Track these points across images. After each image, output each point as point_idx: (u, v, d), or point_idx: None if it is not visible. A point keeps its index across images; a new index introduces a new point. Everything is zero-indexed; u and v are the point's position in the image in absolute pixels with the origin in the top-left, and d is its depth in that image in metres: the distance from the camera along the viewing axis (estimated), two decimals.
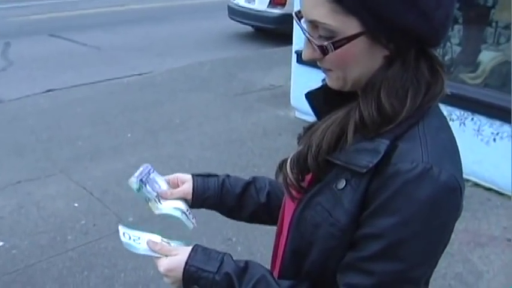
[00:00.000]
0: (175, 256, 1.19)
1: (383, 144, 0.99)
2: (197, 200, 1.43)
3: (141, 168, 1.39)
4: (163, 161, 5.06)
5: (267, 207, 1.43)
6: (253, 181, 1.49)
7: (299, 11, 1.05)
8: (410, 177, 0.95)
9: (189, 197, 1.42)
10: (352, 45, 0.98)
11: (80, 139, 5.68)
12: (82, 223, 4.09)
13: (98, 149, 5.43)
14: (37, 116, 6.44)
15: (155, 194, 1.38)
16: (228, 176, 1.50)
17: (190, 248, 1.19)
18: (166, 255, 1.20)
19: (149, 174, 1.40)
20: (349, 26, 0.97)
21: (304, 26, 1.04)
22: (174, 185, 1.44)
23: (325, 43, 0.99)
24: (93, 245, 3.83)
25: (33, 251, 3.75)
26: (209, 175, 1.48)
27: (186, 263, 1.15)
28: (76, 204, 4.36)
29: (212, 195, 1.44)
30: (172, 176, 1.46)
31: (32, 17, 12.42)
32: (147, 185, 1.38)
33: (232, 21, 10.90)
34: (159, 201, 1.38)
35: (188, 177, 1.46)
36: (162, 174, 1.45)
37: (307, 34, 1.03)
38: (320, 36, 1.00)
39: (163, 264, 1.19)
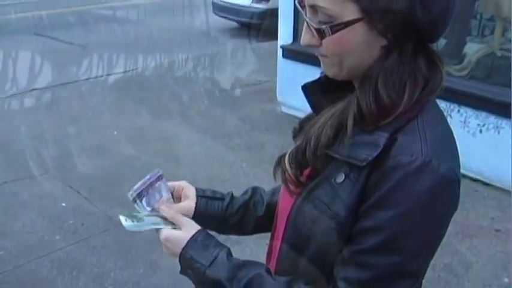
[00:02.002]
0: (177, 231, 1.21)
1: (382, 137, 0.99)
2: (197, 221, 1.31)
3: (147, 176, 1.30)
4: (151, 157, 5.04)
5: (268, 217, 1.37)
6: (251, 196, 1.45)
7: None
8: (411, 170, 0.95)
9: (190, 216, 1.33)
10: (349, 31, 0.99)
11: (65, 138, 5.64)
12: (70, 222, 4.07)
13: (84, 148, 5.39)
14: (22, 115, 6.39)
15: (147, 212, 1.28)
16: (232, 197, 1.44)
17: (195, 230, 1.20)
18: (174, 225, 1.23)
19: (157, 182, 1.30)
20: (348, 11, 0.97)
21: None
22: (177, 194, 1.39)
23: (323, 26, 1.00)
24: (82, 245, 3.80)
25: (21, 252, 3.72)
26: (214, 197, 1.42)
27: (183, 248, 1.17)
28: (63, 204, 4.33)
29: (214, 221, 1.40)
30: (178, 184, 1.40)
31: (15, 16, 12.29)
32: (143, 201, 1.28)
33: (217, 17, 10.88)
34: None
35: (192, 192, 1.39)
36: (151, 171, 1.36)
37: (306, 19, 1.03)
38: (319, 22, 1.01)
39: (164, 233, 1.21)
